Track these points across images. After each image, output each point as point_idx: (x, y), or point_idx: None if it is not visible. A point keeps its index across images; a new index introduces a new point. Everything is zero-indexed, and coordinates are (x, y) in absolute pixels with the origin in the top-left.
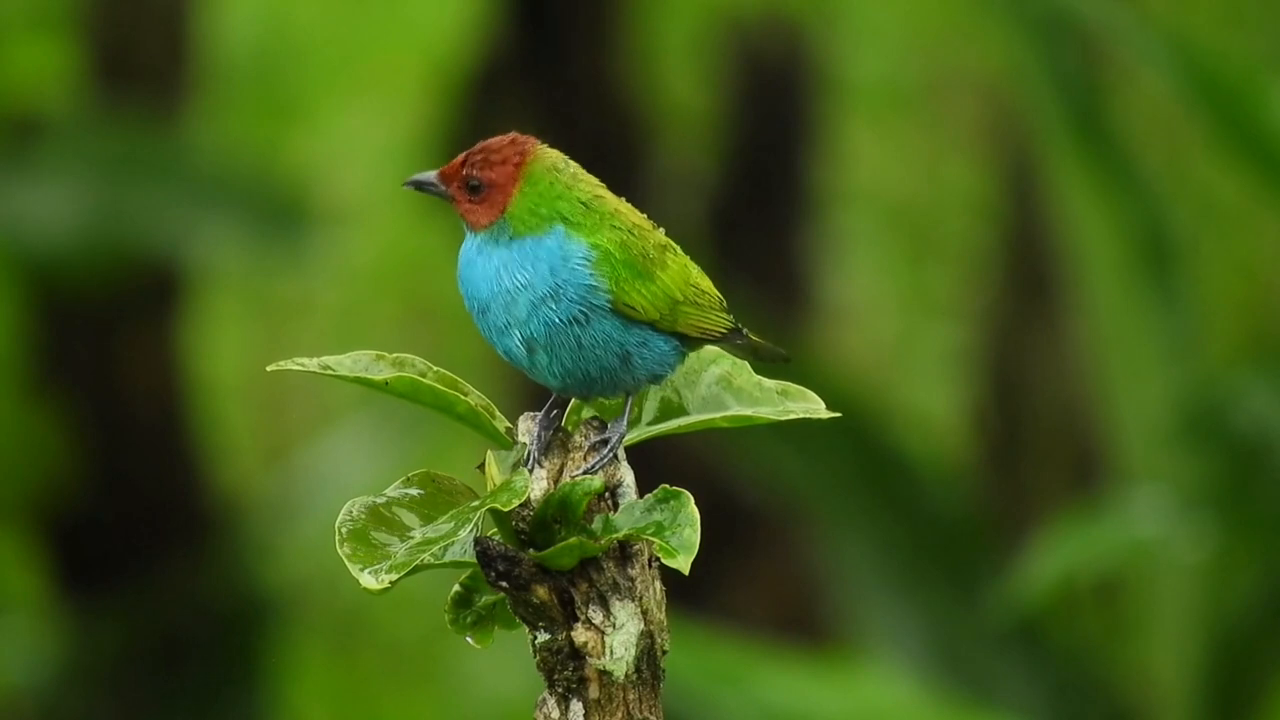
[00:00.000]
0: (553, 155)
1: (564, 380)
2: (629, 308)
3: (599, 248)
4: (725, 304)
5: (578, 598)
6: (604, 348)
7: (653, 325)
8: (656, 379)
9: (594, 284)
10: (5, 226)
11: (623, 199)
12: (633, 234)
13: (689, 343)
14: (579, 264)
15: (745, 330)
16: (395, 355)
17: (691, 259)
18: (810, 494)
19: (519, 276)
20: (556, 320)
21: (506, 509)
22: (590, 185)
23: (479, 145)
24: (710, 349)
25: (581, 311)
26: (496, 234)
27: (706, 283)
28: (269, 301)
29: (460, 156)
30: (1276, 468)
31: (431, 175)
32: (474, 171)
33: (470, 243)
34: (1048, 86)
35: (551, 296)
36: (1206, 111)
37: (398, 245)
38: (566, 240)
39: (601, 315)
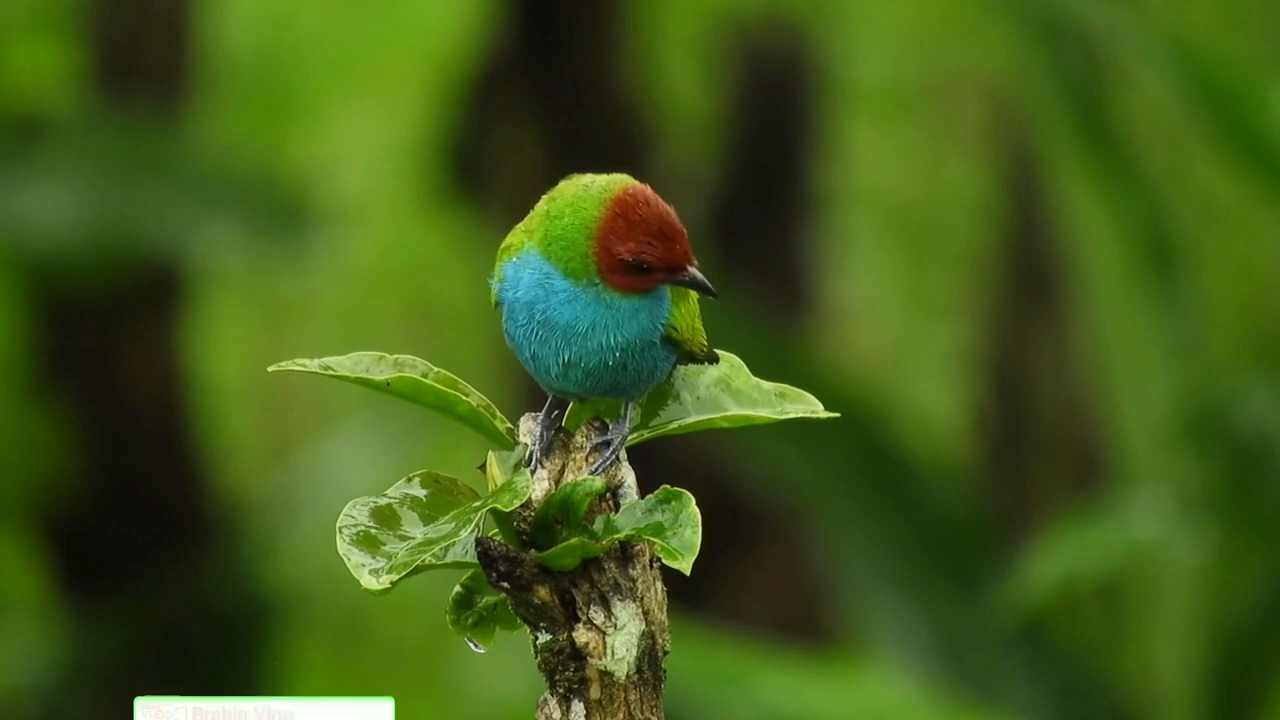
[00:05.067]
0: None
1: (583, 389)
2: (675, 330)
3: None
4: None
5: (579, 598)
6: (640, 369)
7: (679, 344)
8: (657, 384)
9: (664, 332)
10: (7, 226)
11: None
12: None
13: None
14: (663, 323)
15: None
16: (396, 356)
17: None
18: (812, 494)
19: (612, 338)
20: (610, 363)
21: (508, 509)
22: None
23: (674, 220)
24: None
25: (638, 353)
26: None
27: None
28: (270, 301)
29: (683, 239)
30: (1277, 468)
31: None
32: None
33: (548, 266)
34: (1049, 87)
35: (622, 349)
36: (1206, 113)
37: (399, 245)
38: (664, 301)
39: (654, 346)
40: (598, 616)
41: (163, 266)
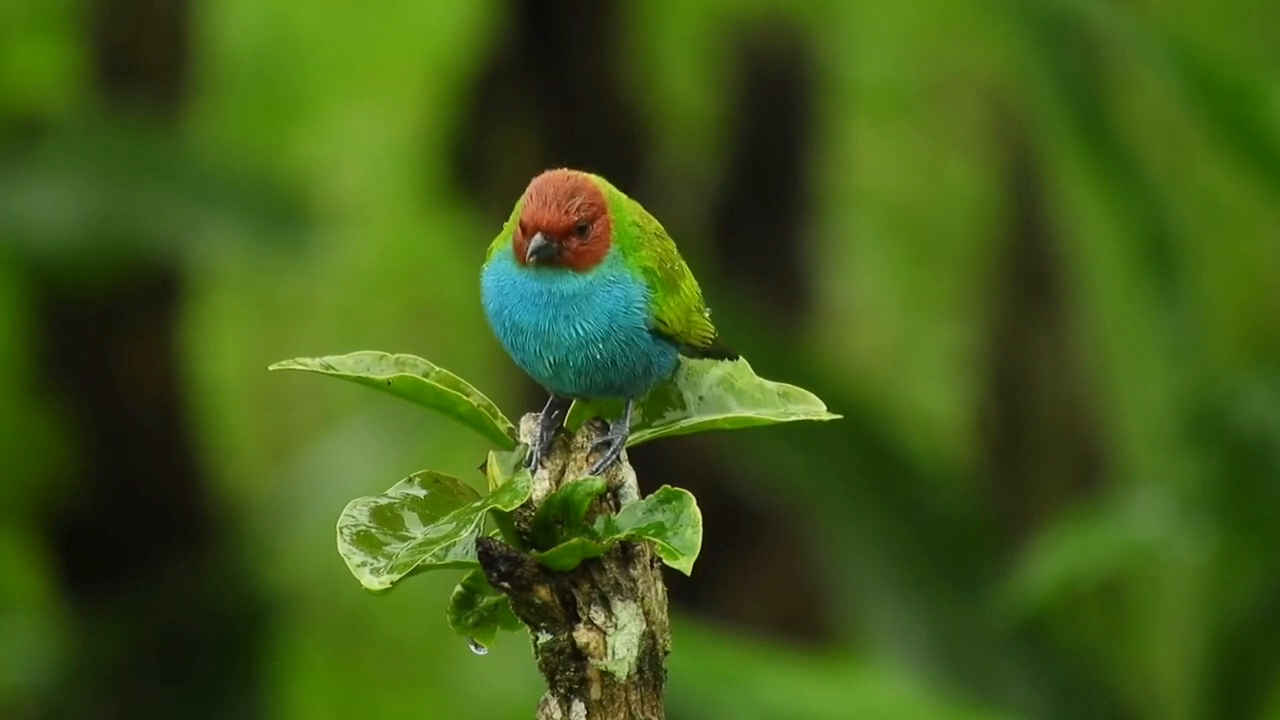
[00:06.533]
0: (604, 181)
1: (580, 389)
2: (662, 323)
3: (650, 274)
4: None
5: (580, 598)
6: (632, 364)
7: (673, 337)
8: (660, 383)
9: (644, 323)
10: (7, 226)
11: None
12: (664, 244)
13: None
14: (638, 309)
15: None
16: (397, 355)
17: (690, 259)
18: (813, 494)
19: (579, 329)
20: (599, 357)
21: (508, 509)
22: (631, 201)
23: (559, 189)
24: None
25: (625, 344)
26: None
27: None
28: (271, 301)
29: (551, 206)
30: (1278, 468)
31: (543, 240)
32: (583, 214)
33: (507, 267)
34: (1050, 87)
35: (602, 339)
36: (1207, 112)
37: (399, 245)
38: (632, 285)
39: (640, 338)
40: (598, 616)
41: (163, 266)
